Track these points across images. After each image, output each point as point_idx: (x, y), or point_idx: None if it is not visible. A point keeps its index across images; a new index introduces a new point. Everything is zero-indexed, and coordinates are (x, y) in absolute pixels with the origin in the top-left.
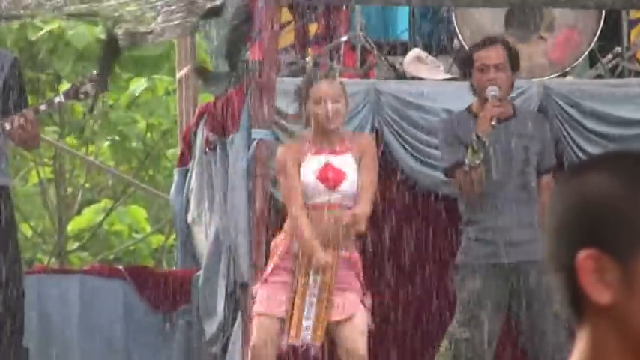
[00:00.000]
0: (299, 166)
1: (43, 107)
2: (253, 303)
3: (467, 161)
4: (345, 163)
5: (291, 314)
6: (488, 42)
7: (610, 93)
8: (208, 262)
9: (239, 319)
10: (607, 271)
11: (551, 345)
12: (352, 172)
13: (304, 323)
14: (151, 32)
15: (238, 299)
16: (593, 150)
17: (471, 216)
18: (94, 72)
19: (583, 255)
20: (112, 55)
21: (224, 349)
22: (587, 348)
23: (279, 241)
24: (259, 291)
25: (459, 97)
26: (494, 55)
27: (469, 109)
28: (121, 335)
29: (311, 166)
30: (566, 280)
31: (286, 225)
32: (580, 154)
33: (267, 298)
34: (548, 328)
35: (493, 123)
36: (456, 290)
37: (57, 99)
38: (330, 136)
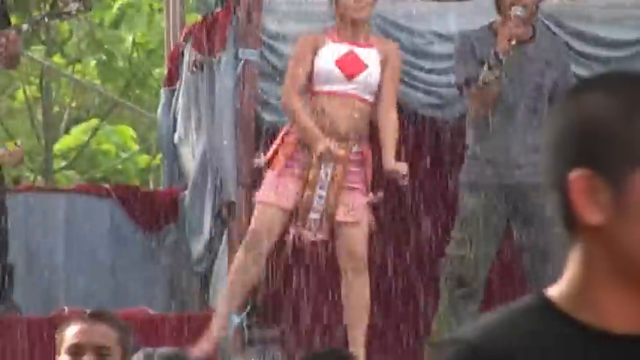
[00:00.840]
0: (314, 53)
1: (25, 27)
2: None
3: (481, 77)
4: (369, 56)
5: (300, 205)
6: None
7: (597, 14)
8: (195, 181)
9: (225, 238)
10: (599, 192)
11: (551, 266)
12: (374, 66)
13: (312, 215)
14: None
15: (225, 218)
16: (580, 71)
17: (479, 134)
18: None
19: (575, 174)
20: None
21: (210, 268)
22: (579, 269)
23: (291, 132)
24: (270, 178)
25: (447, 18)
26: None
27: (490, 26)
28: (107, 254)
29: (331, 52)
30: (560, 199)
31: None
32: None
33: (275, 188)
34: (551, 248)
35: (513, 42)
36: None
37: (39, 17)
38: (358, 28)
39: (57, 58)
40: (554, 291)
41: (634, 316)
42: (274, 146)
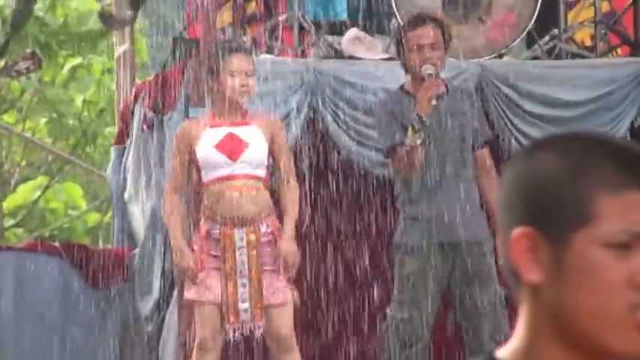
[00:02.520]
0: (191, 144)
1: None
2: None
3: (407, 141)
4: (250, 132)
5: (227, 299)
6: (421, 21)
7: (547, 74)
8: (144, 240)
9: (174, 297)
10: (540, 250)
11: (490, 325)
12: (257, 140)
13: (241, 306)
14: None
15: (174, 278)
16: (530, 131)
17: (409, 195)
18: (28, 50)
19: (517, 232)
20: (23, 10)
21: (159, 328)
22: (524, 328)
23: (201, 226)
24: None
25: (397, 76)
26: (429, 33)
27: (402, 88)
28: (57, 312)
29: (210, 138)
30: (506, 256)
31: (204, 207)
32: (517, 135)
33: (199, 285)
34: (488, 307)
35: (434, 102)
36: (394, 271)
37: None
38: (235, 109)
39: (7, 117)
40: (504, 351)
41: None
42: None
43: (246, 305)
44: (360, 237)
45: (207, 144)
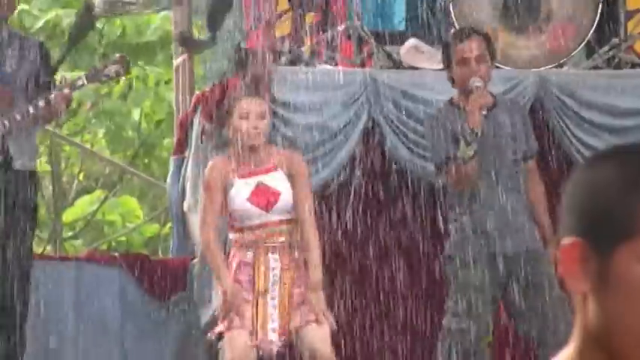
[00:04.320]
0: (224, 186)
1: (66, 91)
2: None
3: (459, 154)
4: (278, 179)
5: (256, 320)
6: (466, 34)
7: (607, 84)
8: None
9: None
10: (588, 262)
11: (556, 328)
12: (285, 189)
13: (270, 326)
14: (134, 3)
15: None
16: (590, 140)
17: (464, 208)
18: (117, 55)
19: (568, 242)
20: (85, 23)
21: (219, 338)
22: (575, 336)
23: (233, 253)
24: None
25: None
26: (475, 47)
27: (451, 101)
28: (116, 323)
29: (242, 191)
30: (559, 266)
31: (235, 237)
32: (577, 145)
33: (232, 314)
34: (551, 311)
35: (484, 113)
36: (448, 282)
37: (79, 82)
38: (257, 152)
39: (66, 129)
40: (558, 358)
41: None
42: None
43: (275, 325)
44: (418, 248)
45: (240, 196)
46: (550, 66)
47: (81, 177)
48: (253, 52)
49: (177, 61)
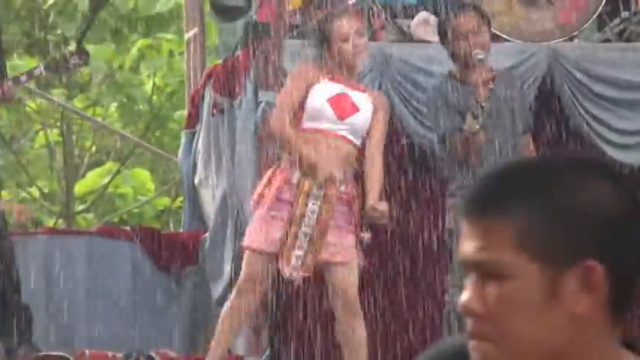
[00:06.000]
0: (307, 90)
1: (23, 79)
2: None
3: (466, 127)
4: (361, 100)
5: (284, 243)
6: (462, 8)
7: (618, 57)
8: (215, 224)
9: None
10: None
11: None
12: (366, 110)
13: (296, 252)
14: None
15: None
16: (600, 114)
17: (464, 181)
18: (75, 45)
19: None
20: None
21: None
22: None
23: (278, 172)
24: (256, 221)
25: None
26: (471, 20)
27: (450, 75)
28: (128, 296)
29: (324, 90)
30: None
31: (284, 155)
32: (588, 118)
33: (260, 233)
34: None
35: (491, 86)
36: (449, 255)
37: (37, 71)
38: (351, 72)
39: (78, 102)
40: None
41: None
42: (260, 187)
43: (300, 253)
44: (425, 223)
45: (320, 95)
46: (561, 39)
47: (92, 150)
48: (265, 27)
49: (188, 34)
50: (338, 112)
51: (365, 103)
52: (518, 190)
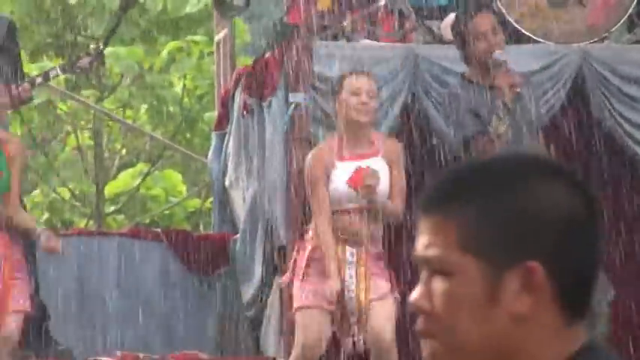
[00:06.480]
0: (327, 173)
1: (39, 80)
2: (290, 296)
3: (492, 129)
4: (377, 166)
5: (336, 311)
6: (478, 9)
7: None
8: (245, 225)
9: (276, 282)
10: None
11: None
12: (384, 175)
13: (352, 319)
14: None
15: (276, 263)
16: (631, 115)
17: None
18: (92, 47)
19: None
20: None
21: (261, 313)
22: None
23: (310, 240)
24: (299, 285)
25: None
26: (488, 21)
27: (464, 77)
28: (158, 297)
29: (342, 173)
30: None
31: (313, 224)
32: (619, 119)
33: (311, 292)
34: None
35: (518, 90)
36: None
37: (53, 72)
38: (361, 136)
39: (108, 104)
40: None
41: None
42: (292, 260)
43: (354, 319)
44: None
45: (339, 179)
46: (591, 40)
47: (123, 152)
48: (294, 28)
49: (218, 36)
50: (358, 187)
51: (381, 169)
52: (467, 190)
